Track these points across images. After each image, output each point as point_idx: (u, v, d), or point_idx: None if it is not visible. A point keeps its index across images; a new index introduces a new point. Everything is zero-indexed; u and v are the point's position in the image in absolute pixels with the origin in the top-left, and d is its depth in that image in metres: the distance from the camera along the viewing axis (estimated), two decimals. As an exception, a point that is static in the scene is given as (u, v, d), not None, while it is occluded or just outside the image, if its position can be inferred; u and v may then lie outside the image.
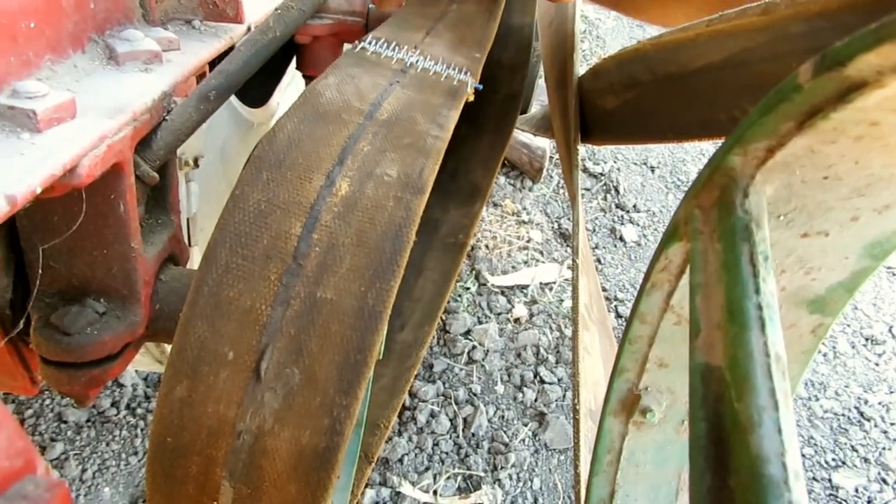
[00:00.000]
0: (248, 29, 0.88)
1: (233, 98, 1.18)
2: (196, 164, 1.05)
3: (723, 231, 0.45)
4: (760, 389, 0.38)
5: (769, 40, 0.71)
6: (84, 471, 1.64)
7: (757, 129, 0.42)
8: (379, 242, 0.57)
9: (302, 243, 0.56)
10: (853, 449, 2.16)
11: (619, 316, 2.44)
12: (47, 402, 1.75)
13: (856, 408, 2.30)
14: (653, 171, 3.29)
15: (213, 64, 0.80)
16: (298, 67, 1.22)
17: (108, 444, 1.70)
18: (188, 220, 1.06)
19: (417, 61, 0.81)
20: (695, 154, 3.49)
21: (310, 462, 0.54)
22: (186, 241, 0.94)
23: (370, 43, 0.82)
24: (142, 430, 1.74)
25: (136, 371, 1.83)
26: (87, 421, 1.73)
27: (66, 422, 1.72)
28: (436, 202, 1.57)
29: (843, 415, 2.27)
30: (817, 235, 0.50)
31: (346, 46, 1.02)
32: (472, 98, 0.83)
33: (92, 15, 0.69)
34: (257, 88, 1.36)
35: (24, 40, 0.60)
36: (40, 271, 0.69)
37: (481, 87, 0.85)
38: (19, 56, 0.59)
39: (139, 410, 1.78)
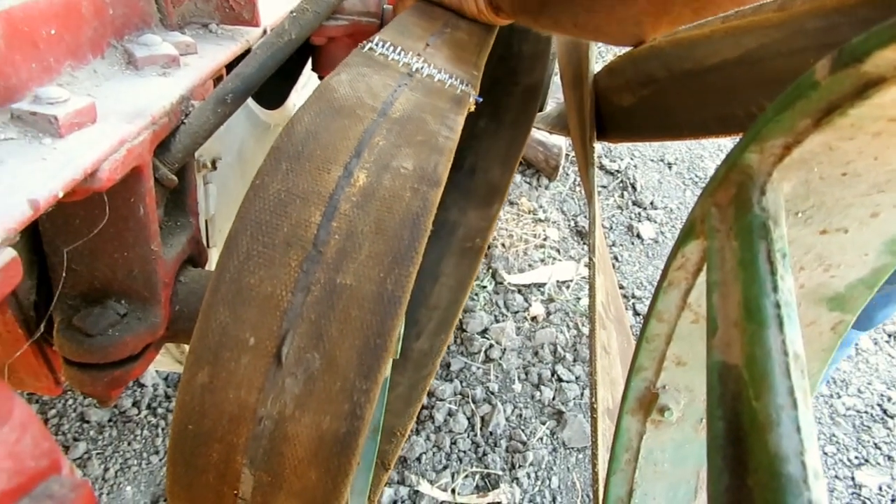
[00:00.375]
0: (264, 32, 0.89)
1: (249, 100, 1.19)
2: (214, 166, 1.06)
3: (739, 229, 0.45)
4: (779, 388, 0.38)
5: (785, 36, 0.70)
6: (106, 470, 1.66)
7: (773, 127, 0.41)
8: (397, 230, 0.59)
9: (321, 231, 0.57)
10: (876, 447, 2.13)
11: (636, 314, 2.43)
12: (70, 402, 1.77)
13: (878, 405, 2.27)
14: (670, 167, 3.27)
15: (229, 67, 0.81)
16: (314, 68, 1.22)
17: (129, 444, 1.72)
18: (206, 221, 1.07)
19: (422, 68, 0.83)
20: (712, 150, 3.46)
21: (330, 447, 0.54)
22: (205, 242, 0.95)
23: (377, 44, 0.83)
24: (163, 429, 1.76)
25: (157, 371, 1.85)
26: (109, 420, 1.76)
27: (88, 421, 1.74)
28: (452, 203, 1.56)
29: (866, 412, 2.24)
30: (836, 232, 0.50)
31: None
32: (472, 109, 0.85)
33: (111, 20, 0.70)
34: (273, 90, 1.37)
35: (45, 46, 0.61)
36: (63, 274, 0.70)
37: (481, 99, 0.87)
38: (40, 62, 0.60)
39: (160, 410, 1.80)
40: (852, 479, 2.04)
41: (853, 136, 0.40)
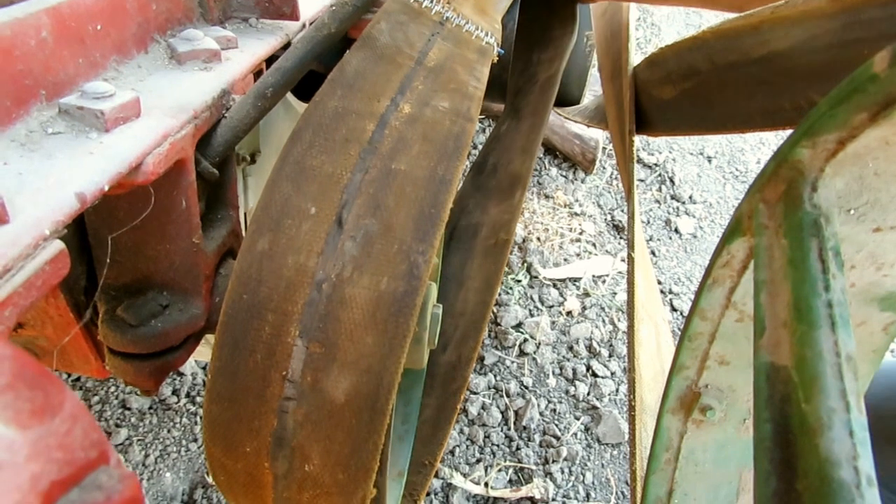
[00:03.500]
0: (304, 26, 0.89)
1: (288, 93, 1.20)
2: (253, 160, 1.07)
3: (790, 226, 0.44)
4: (830, 390, 0.37)
5: (839, 27, 0.68)
6: (147, 456, 1.70)
7: (827, 121, 0.40)
8: (442, 140, 0.66)
9: (375, 135, 0.64)
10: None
11: (674, 309, 2.40)
12: (112, 389, 1.81)
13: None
14: (710, 161, 3.21)
15: (269, 61, 0.81)
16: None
17: (169, 431, 1.75)
18: (245, 214, 1.08)
19: (452, 17, 0.89)
20: (754, 143, 3.39)
21: (388, 308, 0.55)
22: (244, 234, 0.96)
23: None
24: (201, 417, 1.79)
25: (196, 361, 1.88)
26: (150, 408, 1.79)
27: (129, 409, 1.78)
28: (475, 205, 1.50)
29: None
30: (891, 230, 0.48)
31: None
32: (496, 60, 0.91)
33: (154, 16, 0.71)
34: (312, 83, 1.38)
35: (91, 42, 0.62)
36: (108, 262, 0.71)
37: (503, 51, 0.94)
38: (87, 58, 0.62)
39: (199, 399, 1.83)
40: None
41: (912, 130, 0.39)
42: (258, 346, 0.56)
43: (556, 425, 1.94)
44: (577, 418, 1.97)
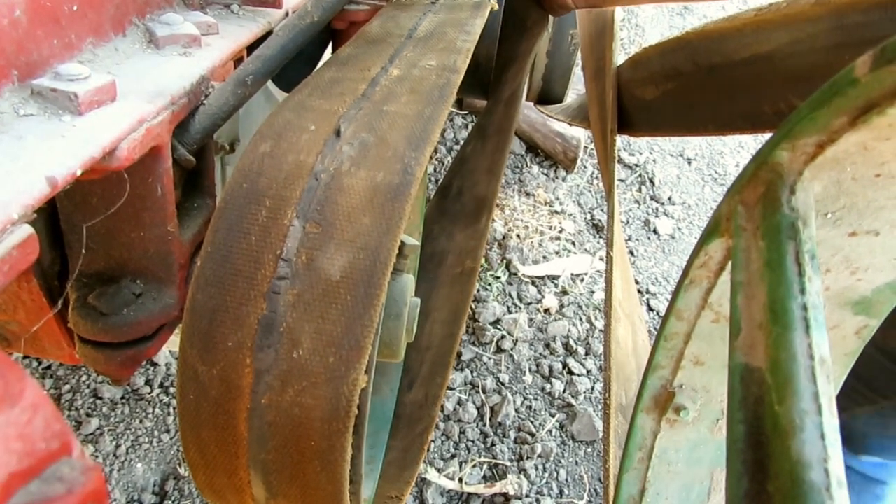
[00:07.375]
0: (286, 14, 0.88)
1: (269, 83, 1.18)
2: (232, 149, 1.06)
3: (767, 228, 0.44)
4: (803, 393, 0.37)
5: (821, 31, 0.69)
6: (118, 446, 1.68)
7: (807, 124, 0.40)
8: (429, 91, 0.72)
9: (368, 90, 0.72)
10: None
11: (650, 309, 2.42)
12: (84, 378, 1.79)
13: None
14: (689, 162, 3.24)
15: (251, 48, 0.80)
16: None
17: (141, 422, 1.73)
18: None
19: None
20: (733, 146, 3.42)
21: (385, 194, 0.57)
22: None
23: None
24: (174, 408, 1.77)
25: (170, 351, 1.86)
26: (122, 398, 1.77)
27: (101, 398, 1.76)
28: (440, 231, 1.46)
29: None
30: (866, 235, 0.49)
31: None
32: (496, 7, 0.99)
33: (133, -2, 0.70)
34: (294, 73, 1.36)
35: (66, 23, 0.61)
36: (83, 251, 0.70)
37: None
38: (62, 38, 0.60)
39: (172, 389, 1.81)
40: None
41: (890, 136, 0.39)
42: (253, 229, 0.56)
43: (532, 422, 1.94)
44: (553, 415, 1.98)
